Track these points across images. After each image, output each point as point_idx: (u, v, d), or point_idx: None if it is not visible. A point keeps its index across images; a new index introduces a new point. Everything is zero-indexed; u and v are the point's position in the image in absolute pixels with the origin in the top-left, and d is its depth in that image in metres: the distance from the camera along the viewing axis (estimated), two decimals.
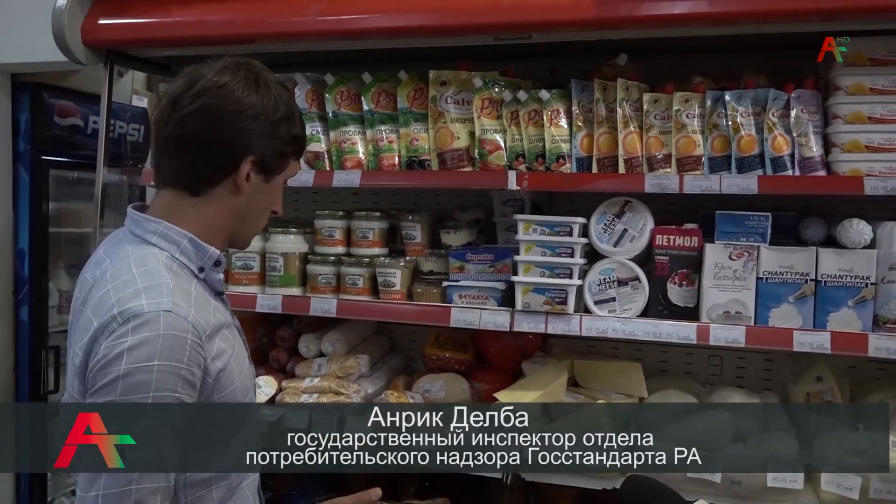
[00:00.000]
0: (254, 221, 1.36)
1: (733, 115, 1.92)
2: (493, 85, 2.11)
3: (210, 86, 1.25)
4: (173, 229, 1.27)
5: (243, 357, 1.35)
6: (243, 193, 1.29)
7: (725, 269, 1.92)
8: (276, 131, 1.29)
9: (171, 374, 1.13)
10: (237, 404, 1.28)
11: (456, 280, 2.13)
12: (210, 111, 1.24)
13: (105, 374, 1.12)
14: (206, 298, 1.27)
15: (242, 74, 1.28)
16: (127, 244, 1.28)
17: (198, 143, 1.25)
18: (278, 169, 1.32)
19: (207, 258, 1.29)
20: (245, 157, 1.27)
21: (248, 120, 1.26)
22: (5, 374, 3.44)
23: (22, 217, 3.45)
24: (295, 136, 1.33)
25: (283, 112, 1.30)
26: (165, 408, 1.14)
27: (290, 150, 1.33)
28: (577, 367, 2.24)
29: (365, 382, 2.33)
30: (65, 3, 2.16)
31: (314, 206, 2.64)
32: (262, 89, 1.28)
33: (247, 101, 1.26)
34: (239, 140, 1.26)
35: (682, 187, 1.90)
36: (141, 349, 1.12)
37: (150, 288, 1.18)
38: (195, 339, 1.17)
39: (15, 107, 3.40)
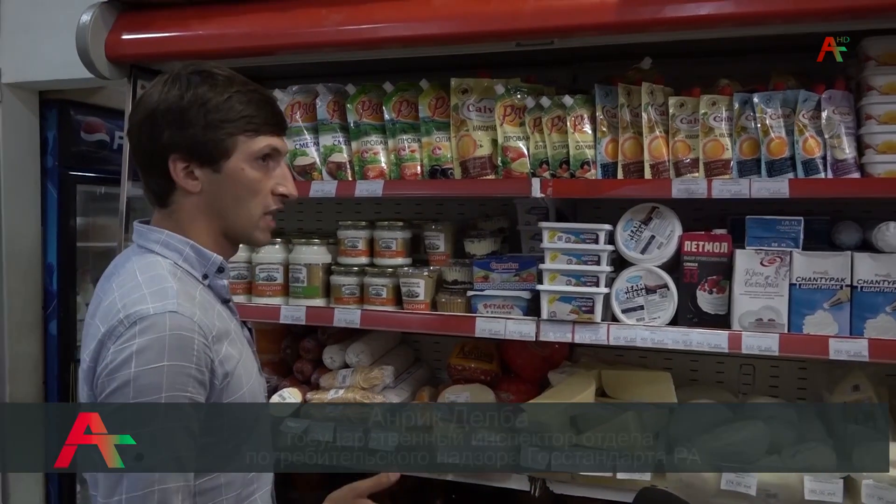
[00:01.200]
0: (237, 214, 1.30)
1: (762, 117, 1.88)
2: (516, 92, 2.09)
3: (134, 106, 1.32)
4: (175, 237, 1.29)
5: (252, 365, 1.34)
6: (195, 192, 1.27)
7: (757, 275, 1.87)
8: (186, 120, 1.24)
9: (182, 373, 1.13)
10: (248, 403, 1.27)
11: (480, 289, 2.10)
12: (131, 129, 1.30)
13: (115, 379, 1.12)
14: (211, 304, 1.27)
15: (157, 81, 1.29)
16: (133, 255, 1.30)
17: (137, 162, 1.31)
18: (221, 154, 1.26)
19: (210, 265, 1.30)
20: (167, 157, 1.25)
21: (155, 121, 1.25)
22: (35, 387, 3.48)
23: (50, 232, 3.49)
24: (223, 117, 1.24)
25: (190, 99, 1.24)
26: (179, 407, 1.13)
27: (224, 131, 1.25)
28: (605, 377, 2.19)
29: (390, 394, 2.31)
30: (89, 19, 2.19)
31: (337, 217, 2.64)
32: (168, 87, 1.25)
33: (150, 104, 1.26)
34: (155, 144, 1.26)
35: (711, 192, 1.85)
36: (149, 351, 1.12)
37: (155, 292, 1.18)
38: (202, 339, 1.17)
39: (43, 124, 3.46)
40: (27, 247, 3.41)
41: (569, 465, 1.93)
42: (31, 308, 3.46)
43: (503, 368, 2.41)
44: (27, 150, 3.39)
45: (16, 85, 3.29)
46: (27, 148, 3.39)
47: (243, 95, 1.27)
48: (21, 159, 3.35)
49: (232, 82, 1.27)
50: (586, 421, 2.02)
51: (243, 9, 2.12)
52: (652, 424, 2.03)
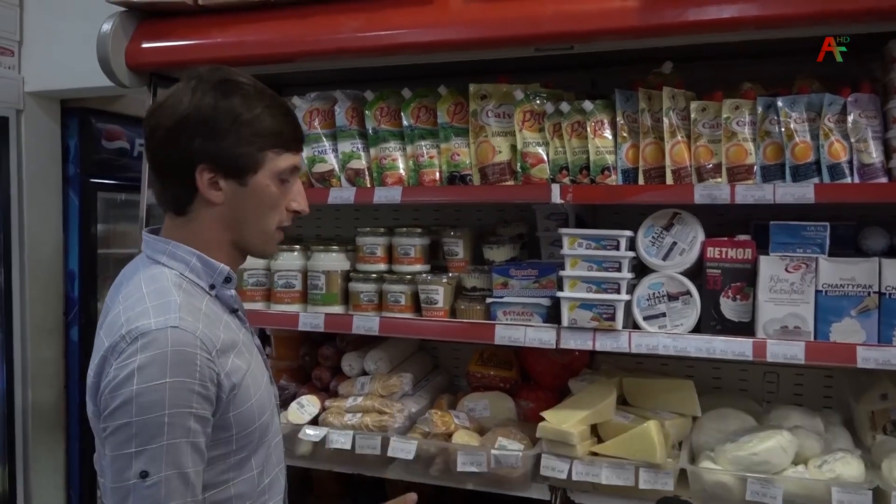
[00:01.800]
0: (254, 228, 1.31)
1: (786, 121, 1.85)
2: (535, 97, 2.07)
3: (153, 108, 1.28)
4: (181, 248, 1.28)
5: (261, 375, 1.33)
6: (218, 203, 1.26)
7: (782, 281, 1.83)
8: (219, 131, 1.23)
9: (184, 389, 1.13)
10: (257, 415, 1.27)
11: (500, 296, 2.09)
12: (154, 132, 1.26)
13: (118, 396, 1.12)
14: (217, 315, 1.26)
15: (183, 85, 1.26)
16: (140, 265, 1.30)
17: (156, 166, 1.29)
18: (249, 168, 1.26)
19: (217, 275, 1.29)
20: (196, 167, 1.24)
21: (185, 128, 1.23)
22: (56, 393, 3.51)
23: (72, 239, 3.53)
24: (255, 131, 1.24)
25: (225, 109, 1.23)
26: (183, 423, 1.13)
27: (255, 146, 1.25)
28: (627, 385, 2.17)
29: (409, 401, 2.29)
30: (109, 28, 2.20)
31: (355, 223, 2.64)
32: (200, 95, 1.23)
33: (181, 111, 1.23)
34: (183, 152, 1.24)
35: (734, 197, 1.82)
36: (151, 368, 1.12)
37: (158, 306, 1.18)
38: (205, 354, 1.16)
39: (64, 132, 3.50)
40: (49, 254, 3.44)
41: (590, 475, 1.90)
42: (53, 314, 3.49)
43: (522, 376, 2.39)
44: (49, 158, 3.43)
45: (38, 94, 3.33)
46: (49, 156, 3.43)
47: (273, 110, 1.27)
48: (43, 167, 3.39)
49: (262, 95, 1.27)
50: (608, 430, 2.00)
51: (262, 16, 2.13)
52: (674, 433, 2.00)
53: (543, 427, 1.95)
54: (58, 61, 3.22)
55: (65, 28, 3.18)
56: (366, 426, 2.16)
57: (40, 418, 3.40)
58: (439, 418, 2.12)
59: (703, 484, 1.85)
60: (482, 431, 2.16)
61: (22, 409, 3.33)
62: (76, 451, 3.54)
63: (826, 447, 1.91)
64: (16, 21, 3.30)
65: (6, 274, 3.25)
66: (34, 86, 3.30)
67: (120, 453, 1.12)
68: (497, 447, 2.01)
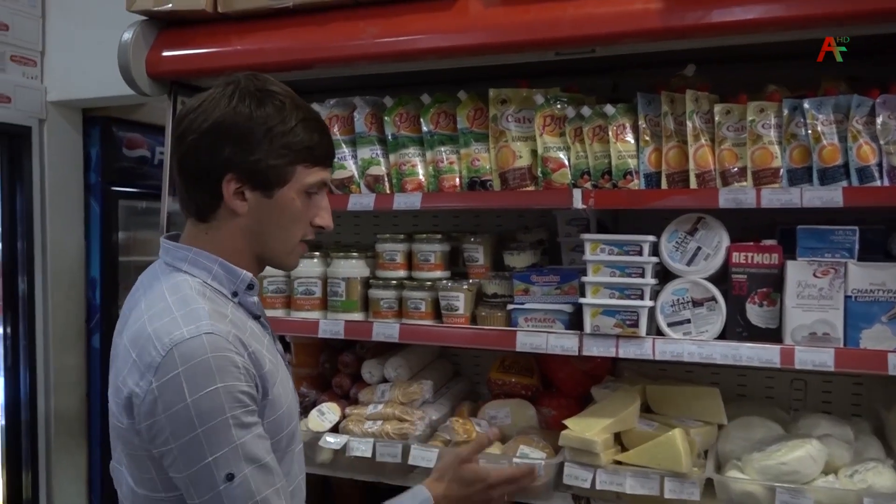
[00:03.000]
0: (277, 240, 1.29)
1: (813, 123, 1.81)
2: (556, 101, 2.05)
3: (186, 111, 1.26)
4: (203, 255, 1.27)
5: (287, 383, 1.33)
6: (242, 213, 1.25)
7: (810, 287, 1.80)
8: (252, 143, 1.21)
9: (235, 391, 1.13)
10: (283, 424, 1.27)
11: (521, 303, 2.07)
12: (185, 136, 1.24)
13: (175, 416, 1.11)
14: (243, 322, 1.25)
15: (219, 91, 1.24)
16: (160, 273, 1.28)
17: (183, 170, 1.26)
18: (277, 181, 1.24)
19: (240, 282, 1.28)
20: (223, 176, 1.22)
21: (218, 135, 1.21)
22: (78, 400, 3.53)
23: (93, 247, 3.56)
24: (287, 144, 1.22)
25: (258, 121, 1.21)
26: (243, 420, 1.14)
27: (285, 160, 1.23)
28: (650, 393, 2.13)
29: (429, 409, 2.28)
30: (130, 37, 2.21)
31: (375, 230, 2.63)
32: (236, 102, 1.21)
33: (215, 117, 1.21)
34: (212, 159, 1.22)
35: (760, 201, 1.79)
36: (198, 377, 1.11)
37: (186, 315, 1.17)
38: (241, 357, 1.16)
39: (86, 141, 3.53)
40: (71, 261, 3.47)
41: (614, 484, 1.87)
42: (75, 321, 3.51)
43: (544, 383, 2.36)
44: (71, 167, 3.46)
45: (60, 103, 3.36)
46: (71, 164, 3.46)
47: (308, 124, 1.25)
48: (65, 176, 3.42)
49: (297, 108, 1.25)
50: (631, 438, 1.96)
51: (281, 23, 2.13)
52: (700, 442, 1.97)
53: (566, 435, 1.92)
54: (79, 70, 3.25)
55: (86, 37, 3.20)
56: (386, 434, 2.14)
57: (63, 425, 3.43)
58: (460, 426, 2.10)
59: (730, 494, 1.81)
60: (503, 439, 2.14)
61: (45, 416, 3.35)
62: (98, 457, 3.56)
63: (856, 456, 1.86)
64: (38, 31, 3.34)
65: (29, 281, 3.28)
66: (56, 95, 3.33)
67: (198, 467, 1.11)
68: (519, 455, 1.98)
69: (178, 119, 1.27)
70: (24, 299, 3.27)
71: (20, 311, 3.27)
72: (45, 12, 3.36)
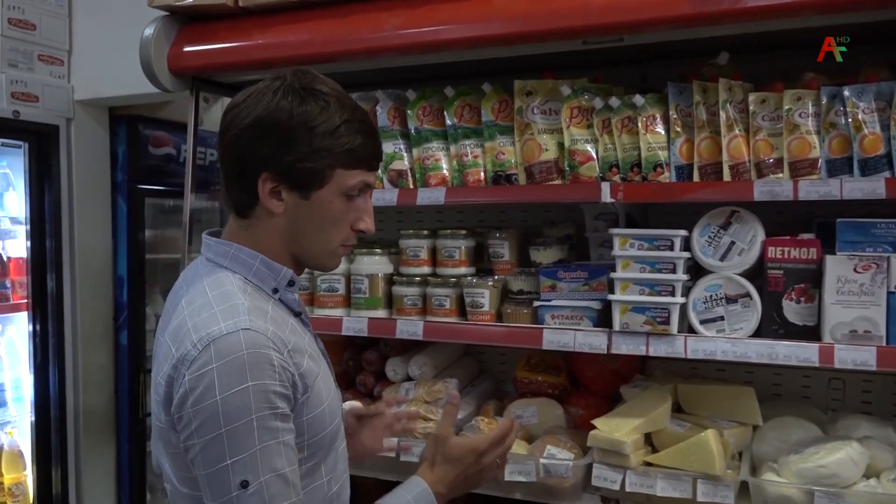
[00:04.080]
0: (313, 242, 1.26)
1: (854, 112, 1.74)
2: (583, 92, 2.00)
3: (232, 104, 1.23)
4: (244, 251, 1.25)
5: (329, 379, 1.30)
6: (277, 213, 1.22)
7: (850, 282, 1.72)
8: (291, 143, 1.18)
9: (266, 391, 1.10)
10: (328, 419, 1.24)
11: (548, 300, 2.02)
12: (227, 131, 1.22)
13: (202, 411, 1.09)
14: (284, 318, 1.23)
15: (265, 86, 1.21)
16: (202, 270, 1.27)
17: (224, 166, 1.25)
18: (315, 183, 1.20)
19: (281, 278, 1.26)
20: (259, 175, 1.20)
21: (258, 131, 1.19)
22: (106, 397, 3.55)
23: (120, 245, 3.58)
24: (327, 146, 1.19)
25: (299, 118, 1.17)
26: (270, 425, 1.10)
27: (325, 162, 1.19)
28: (682, 392, 2.07)
29: None
30: (151, 33, 2.21)
31: (398, 226, 2.59)
32: (279, 99, 1.18)
33: (256, 114, 1.19)
34: (250, 157, 1.20)
35: (797, 194, 1.71)
36: (230, 374, 1.09)
37: (225, 310, 1.15)
38: (279, 354, 1.13)
39: (113, 139, 3.55)
40: (99, 259, 3.49)
41: (645, 487, 1.81)
42: (103, 319, 3.54)
43: (572, 381, 2.31)
44: (98, 166, 3.48)
45: (87, 102, 3.38)
46: (98, 163, 3.48)
47: (352, 125, 1.21)
48: (92, 174, 3.44)
49: (343, 108, 1.21)
50: (662, 439, 1.90)
51: (302, 16, 2.10)
52: (734, 443, 1.90)
53: (595, 435, 1.87)
54: (106, 69, 3.26)
55: (112, 36, 3.22)
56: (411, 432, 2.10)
57: (91, 422, 3.45)
58: (486, 425, 2.06)
59: (766, 497, 1.74)
60: (530, 439, 2.09)
61: (74, 413, 3.38)
62: (126, 453, 3.58)
63: None
64: (65, 31, 3.36)
65: (57, 279, 3.31)
66: (83, 94, 3.35)
67: (216, 468, 1.09)
68: (546, 456, 1.94)
69: (225, 113, 1.24)
70: (52, 297, 3.30)
71: (49, 308, 3.30)
72: (71, 12, 3.38)
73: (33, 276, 3.26)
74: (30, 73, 3.20)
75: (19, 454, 3.30)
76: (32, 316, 3.29)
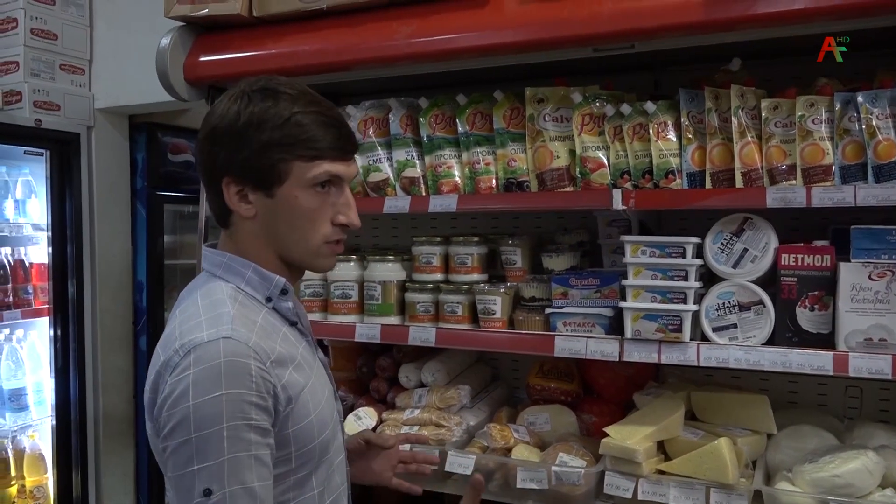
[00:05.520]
0: (292, 242, 1.25)
1: (868, 118, 1.72)
2: (594, 99, 2.00)
3: (203, 121, 1.26)
4: (237, 260, 1.26)
5: (322, 389, 1.29)
6: (249, 217, 1.23)
7: (865, 290, 1.70)
8: (242, 141, 1.18)
9: (241, 400, 1.09)
10: (317, 431, 1.23)
11: (560, 307, 2.01)
12: (196, 144, 1.27)
13: (175, 414, 1.09)
14: (275, 328, 1.23)
15: (224, 96, 1.24)
16: (200, 280, 1.29)
17: (201, 179, 1.28)
18: (273, 178, 1.20)
19: (273, 287, 1.26)
20: (221, 178, 1.21)
21: (214, 140, 1.21)
22: (126, 401, 3.60)
23: (140, 251, 3.63)
24: (278, 138, 1.17)
25: (246, 118, 1.18)
26: (242, 436, 1.09)
27: (277, 156, 1.18)
28: (695, 400, 2.06)
29: (467, 414, 2.24)
30: (168, 43, 2.24)
31: (411, 232, 2.60)
32: (231, 104, 1.20)
33: (211, 121, 1.22)
34: (212, 163, 1.22)
35: (811, 200, 1.70)
36: (206, 381, 1.09)
37: (211, 319, 1.16)
38: (259, 365, 1.13)
39: (132, 147, 3.61)
40: (118, 265, 3.54)
41: (657, 495, 1.80)
42: (123, 324, 3.59)
43: (584, 388, 2.31)
44: (118, 172, 3.54)
45: (108, 110, 3.44)
46: (118, 170, 3.54)
47: (305, 116, 1.20)
48: (113, 181, 3.50)
49: (295, 101, 1.20)
50: (675, 447, 1.90)
51: (316, 25, 2.12)
52: (748, 452, 1.89)
53: (607, 443, 1.87)
54: (126, 78, 3.32)
55: (132, 45, 3.27)
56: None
57: (111, 425, 3.50)
58: (498, 432, 2.06)
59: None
60: (542, 446, 2.09)
61: (94, 416, 3.43)
62: (144, 456, 3.63)
63: None
64: (86, 40, 3.42)
65: (78, 285, 3.36)
66: (103, 102, 3.41)
67: (183, 472, 1.09)
68: (558, 463, 1.93)
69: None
70: (73, 302, 3.35)
71: (70, 313, 3.35)
72: (92, 22, 3.44)
73: (55, 281, 3.32)
74: (51, 82, 3.26)
75: (40, 457, 3.36)
76: (54, 321, 3.34)
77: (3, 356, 3.29)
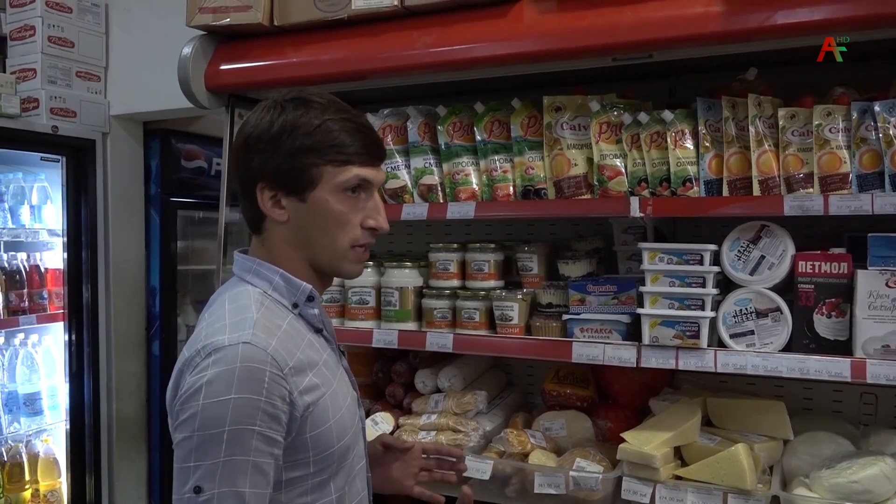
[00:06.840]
0: (322, 245, 1.28)
1: (885, 126, 1.74)
2: (612, 108, 2.02)
3: (237, 132, 1.31)
4: (266, 266, 1.29)
5: (344, 396, 1.30)
6: (283, 221, 1.27)
7: (882, 297, 1.72)
8: (276, 147, 1.23)
9: (249, 406, 1.11)
10: (335, 436, 1.24)
11: (577, 313, 2.03)
12: (230, 154, 1.35)
13: (186, 409, 1.13)
14: (300, 334, 1.26)
15: (258, 107, 1.29)
16: (229, 285, 1.32)
17: (236, 187, 1.32)
18: (306, 184, 1.24)
19: (300, 293, 1.29)
20: (256, 184, 1.26)
21: (248, 147, 1.26)
22: (139, 406, 3.62)
23: (153, 256, 3.65)
24: (310, 144, 1.22)
25: (279, 126, 1.23)
26: (243, 441, 1.11)
27: (309, 161, 1.23)
28: (712, 406, 2.07)
29: (483, 419, 2.25)
30: (189, 52, 2.26)
31: (427, 239, 2.62)
32: (264, 114, 1.26)
33: (246, 130, 1.27)
34: (247, 169, 1.26)
35: (828, 208, 1.72)
36: (218, 383, 1.12)
37: (235, 323, 1.19)
38: (275, 371, 1.15)
39: (147, 153, 3.63)
40: (132, 270, 3.57)
41: (675, 500, 1.82)
42: (136, 329, 3.61)
43: (600, 394, 2.32)
44: (133, 178, 3.56)
45: (123, 116, 3.47)
46: (133, 176, 3.56)
47: (335, 123, 1.24)
48: (127, 187, 3.53)
49: (325, 109, 1.25)
50: (692, 452, 1.91)
51: (336, 34, 2.14)
52: (765, 457, 1.90)
53: (624, 448, 1.88)
54: (141, 85, 3.35)
55: (147, 53, 3.30)
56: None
57: (124, 430, 3.52)
58: (515, 437, 2.08)
59: None
60: (559, 452, 2.10)
61: (107, 421, 3.45)
62: (157, 461, 3.64)
63: None
64: (102, 48, 3.45)
65: (93, 290, 3.38)
66: (119, 109, 3.44)
67: (182, 466, 1.12)
68: (576, 468, 1.95)
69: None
70: (87, 307, 3.38)
71: (84, 318, 3.37)
72: (108, 29, 3.47)
73: (69, 286, 3.35)
74: (68, 89, 3.29)
75: (54, 461, 3.38)
76: (68, 326, 3.37)
77: (18, 361, 3.31)
